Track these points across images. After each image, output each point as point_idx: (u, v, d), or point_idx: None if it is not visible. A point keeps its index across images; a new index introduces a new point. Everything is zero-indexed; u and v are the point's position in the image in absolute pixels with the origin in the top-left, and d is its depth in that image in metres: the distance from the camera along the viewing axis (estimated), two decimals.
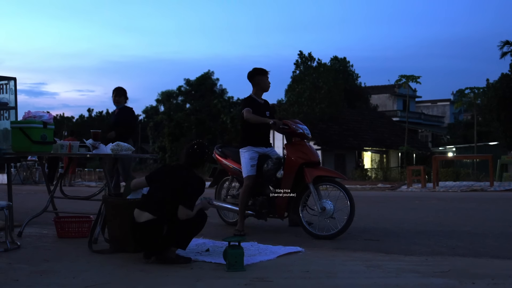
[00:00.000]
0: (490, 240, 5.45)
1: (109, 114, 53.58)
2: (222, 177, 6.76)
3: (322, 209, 5.56)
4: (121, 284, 3.52)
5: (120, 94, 7.19)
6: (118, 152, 5.30)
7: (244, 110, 5.89)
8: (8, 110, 5.98)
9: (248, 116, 5.85)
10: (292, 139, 5.83)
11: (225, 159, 6.41)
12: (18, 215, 6.03)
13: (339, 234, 5.49)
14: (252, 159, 5.91)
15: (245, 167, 5.91)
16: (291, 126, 5.77)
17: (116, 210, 4.56)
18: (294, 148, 5.77)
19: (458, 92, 36.85)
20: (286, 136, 5.91)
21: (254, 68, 6.11)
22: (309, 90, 35.07)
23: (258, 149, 6.00)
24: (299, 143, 5.80)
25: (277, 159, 5.88)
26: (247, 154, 5.93)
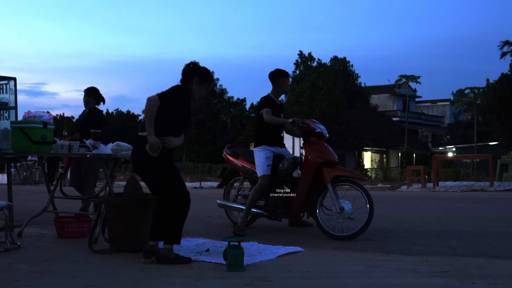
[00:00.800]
0: (490, 240, 5.45)
1: (109, 114, 53.59)
2: (232, 177, 6.68)
3: (340, 209, 5.50)
4: (121, 284, 3.53)
5: (89, 94, 6.97)
6: (118, 152, 5.30)
7: (264, 111, 5.85)
8: (8, 110, 5.98)
9: (268, 118, 5.82)
10: (310, 139, 5.78)
11: (237, 158, 6.34)
12: (18, 215, 6.03)
13: (358, 234, 5.43)
14: (268, 159, 5.87)
15: (260, 166, 5.86)
16: (310, 125, 5.74)
17: (116, 210, 4.57)
18: (312, 148, 5.72)
19: (458, 92, 36.87)
20: (303, 136, 5.85)
21: (277, 70, 6.10)
22: (309, 90, 35.07)
23: (273, 148, 5.97)
24: (317, 143, 5.75)
25: (292, 159, 5.83)
26: (263, 154, 5.89)
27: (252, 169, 6.05)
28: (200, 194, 15.14)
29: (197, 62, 4.36)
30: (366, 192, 5.52)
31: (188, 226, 6.57)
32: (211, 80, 4.38)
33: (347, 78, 44.31)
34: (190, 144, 44.99)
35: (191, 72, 4.30)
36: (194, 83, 4.27)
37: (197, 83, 4.28)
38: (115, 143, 5.39)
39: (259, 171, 5.87)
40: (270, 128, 5.95)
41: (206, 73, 4.35)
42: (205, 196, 13.95)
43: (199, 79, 4.29)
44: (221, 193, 7.02)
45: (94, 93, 6.96)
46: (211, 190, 19.53)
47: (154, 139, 4.02)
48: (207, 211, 8.78)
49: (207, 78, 4.34)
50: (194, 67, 4.33)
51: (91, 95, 6.94)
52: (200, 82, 4.29)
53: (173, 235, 4.12)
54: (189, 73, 4.30)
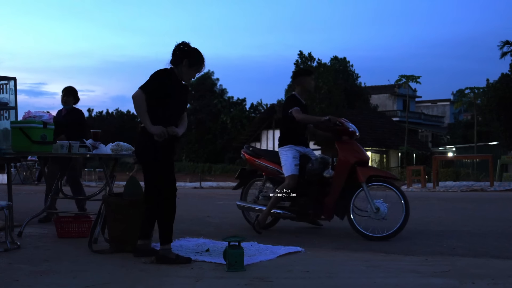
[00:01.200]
0: (490, 240, 5.45)
1: (109, 114, 53.58)
2: (250, 178, 6.51)
3: (376, 210, 5.42)
4: (121, 284, 3.53)
5: (68, 94, 6.86)
6: (118, 152, 5.30)
7: (294, 110, 5.74)
8: (8, 110, 5.98)
9: (301, 116, 5.73)
10: (342, 138, 5.68)
11: (258, 159, 6.20)
12: (18, 215, 6.03)
13: (394, 235, 5.36)
14: (295, 158, 5.76)
15: (288, 166, 5.75)
16: (344, 123, 5.65)
17: (116, 210, 4.57)
18: (346, 147, 5.63)
19: (458, 92, 36.85)
20: (334, 135, 5.75)
21: (300, 68, 6.08)
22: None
23: (299, 148, 5.87)
24: (349, 142, 5.66)
25: (322, 159, 5.75)
26: (290, 153, 5.79)
27: (277, 169, 5.94)
28: (200, 194, 15.16)
29: (188, 43, 4.24)
30: (402, 192, 5.44)
31: (188, 226, 6.60)
32: (201, 63, 4.24)
33: (347, 78, 44.31)
34: (190, 144, 44.99)
35: (181, 53, 4.19)
36: (184, 65, 4.17)
37: (186, 65, 4.18)
38: (115, 143, 5.39)
39: (287, 171, 5.75)
40: (296, 127, 5.86)
41: (196, 56, 4.21)
42: (205, 196, 13.95)
43: (188, 61, 4.18)
44: (221, 193, 7.04)
45: (73, 92, 6.87)
46: (211, 190, 19.53)
47: (155, 129, 4.03)
48: (207, 211, 8.80)
49: (197, 61, 4.21)
50: (184, 48, 4.20)
51: (70, 95, 6.85)
52: (189, 65, 4.19)
53: (166, 234, 4.14)
54: (179, 55, 4.19)
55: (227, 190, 19.65)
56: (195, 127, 44.43)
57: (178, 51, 4.20)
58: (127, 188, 4.75)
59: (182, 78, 4.25)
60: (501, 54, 31.47)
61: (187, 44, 4.23)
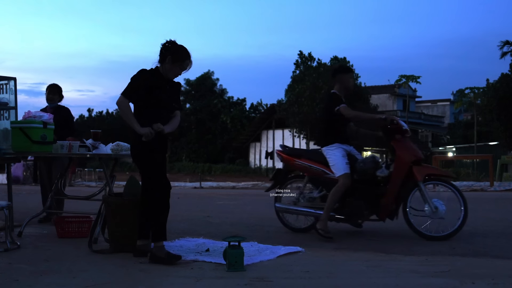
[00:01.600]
0: (490, 240, 5.45)
1: (109, 114, 53.55)
2: (286, 179, 6.27)
3: (435, 209, 5.35)
4: (121, 284, 3.52)
5: (54, 91, 6.71)
6: (118, 152, 5.30)
7: (342, 107, 5.60)
8: (8, 110, 5.98)
9: (352, 113, 5.63)
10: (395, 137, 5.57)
11: (299, 158, 5.97)
12: (18, 215, 6.03)
13: (454, 234, 5.31)
14: (344, 157, 5.60)
15: (339, 165, 5.55)
16: (398, 122, 5.56)
17: (116, 210, 4.56)
18: (403, 146, 5.52)
19: (458, 92, 36.90)
20: (386, 134, 5.65)
21: (340, 65, 5.90)
22: (309, 90, 35.07)
23: (345, 147, 5.72)
24: (404, 141, 5.56)
25: (373, 157, 5.65)
26: (338, 152, 5.62)
27: (322, 169, 5.74)
28: (200, 194, 15.16)
29: (173, 41, 4.25)
30: (460, 192, 5.38)
31: (188, 226, 6.60)
32: (183, 59, 4.22)
33: None
34: (190, 144, 44.98)
35: (165, 50, 4.21)
36: (167, 62, 4.19)
37: (169, 62, 4.19)
38: (115, 143, 5.39)
39: (338, 170, 5.55)
40: (341, 125, 5.73)
41: (179, 51, 4.21)
42: (205, 196, 13.95)
43: (171, 57, 4.18)
44: (221, 193, 7.03)
45: (58, 90, 6.75)
46: (211, 190, 19.52)
47: (143, 130, 4.07)
48: (207, 211, 8.79)
49: (179, 57, 4.20)
50: (167, 46, 4.22)
51: (56, 93, 6.72)
52: (172, 61, 4.18)
53: (156, 231, 4.15)
54: (163, 52, 4.22)
55: (227, 190, 19.65)
56: (195, 127, 44.42)
57: (162, 49, 4.24)
58: (127, 188, 4.75)
59: (168, 75, 4.26)
60: (501, 54, 31.51)
61: (172, 42, 4.25)
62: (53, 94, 6.68)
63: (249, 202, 11.46)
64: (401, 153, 5.49)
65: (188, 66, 4.28)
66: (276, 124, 40.13)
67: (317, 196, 5.89)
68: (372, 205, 5.59)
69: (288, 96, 37.17)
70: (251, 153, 43.49)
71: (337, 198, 5.53)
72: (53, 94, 6.69)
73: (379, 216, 5.65)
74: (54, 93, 6.69)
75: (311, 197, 5.93)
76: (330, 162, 5.64)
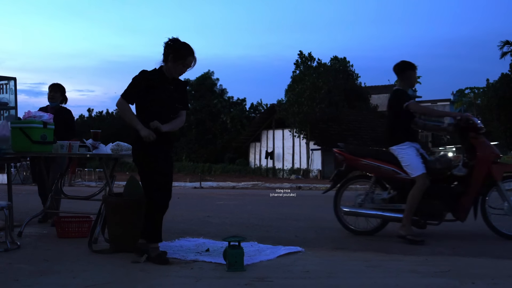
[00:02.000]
0: (490, 240, 5.45)
1: (109, 114, 53.54)
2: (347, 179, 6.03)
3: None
4: (121, 284, 3.53)
5: (56, 89, 6.55)
6: (118, 152, 5.30)
7: (411, 103, 5.40)
8: (8, 110, 5.98)
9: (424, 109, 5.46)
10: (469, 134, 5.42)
11: (365, 158, 5.75)
12: (18, 215, 6.03)
13: None
14: (418, 156, 5.42)
15: (415, 164, 5.36)
16: (474, 120, 5.43)
17: (116, 210, 4.57)
18: (483, 144, 5.40)
19: (458, 92, 36.93)
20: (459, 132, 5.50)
21: (404, 62, 5.72)
22: (309, 90, 35.09)
23: (416, 145, 5.53)
24: (481, 139, 5.44)
25: (446, 156, 5.48)
26: (411, 151, 5.44)
27: (393, 169, 5.53)
28: (200, 194, 15.16)
29: (176, 38, 4.16)
30: None
31: (188, 226, 6.61)
32: (186, 56, 4.13)
33: (347, 78, 44.29)
34: (190, 144, 44.99)
35: (167, 48, 4.15)
36: (169, 60, 4.14)
37: (172, 60, 4.14)
38: (115, 143, 5.39)
39: (415, 171, 5.35)
40: (409, 123, 5.52)
41: (181, 50, 4.13)
42: (205, 196, 13.94)
43: (173, 55, 4.11)
44: (221, 193, 7.02)
45: (61, 89, 6.61)
46: (211, 190, 19.51)
47: (144, 131, 4.05)
48: (207, 211, 8.79)
49: (182, 54, 4.12)
50: (170, 44, 4.14)
51: (58, 91, 6.57)
52: (174, 59, 4.12)
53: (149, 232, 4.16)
54: (166, 50, 4.17)
55: (227, 190, 19.65)
56: (195, 127, 44.41)
57: (165, 47, 4.18)
58: (127, 188, 4.75)
59: (172, 74, 4.21)
60: (501, 54, 31.52)
61: (174, 39, 4.18)
62: (54, 92, 6.56)
63: (249, 202, 11.47)
64: (482, 152, 5.36)
65: (191, 63, 4.21)
66: (276, 124, 40.12)
67: (387, 197, 5.67)
68: (449, 205, 5.44)
69: (288, 96, 37.18)
70: (251, 153, 43.49)
71: (417, 199, 5.31)
72: (55, 92, 6.56)
73: (457, 216, 5.48)
74: (56, 91, 6.57)
75: (382, 199, 5.68)
76: (404, 161, 5.44)
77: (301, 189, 20.06)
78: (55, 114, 6.20)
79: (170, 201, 4.29)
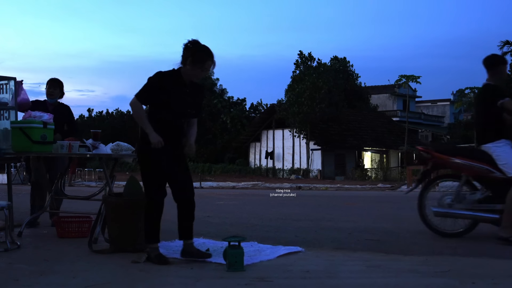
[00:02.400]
0: (490, 240, 5.44)
1: (109, 114, 53.52)
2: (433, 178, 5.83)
3: None
4: (121, 284, 3.53)
5: (55, 85, 6.36)
6: (118, 152, 5.30)
7: (507, 101, 5.20)
8: (8, 110, 5.97)
9: None
10: None
11: (455, 156, 5.54)
12: (18, 215, 6.03)
13: None
14: None
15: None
16: None
17: (116, 210, 4.56)
18: None
19: (458, 92, 36.92)
20: None
21: (496, 56, 5.56)
22: (309, 90, 35.11)
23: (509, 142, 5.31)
24: None
25: None
26: (508, 149, 5.23)
27: (487, 168, 5.31)
28: (200, 194, 15.14)
29: (196, 41, 4.04)
30: None
31: None
32: (205, 60, 4.01)
33: (347, 78, 44.33)
34: None
35: (186, 51, 4.02)
36: (188, 63, 4.03)
37: (190, 63, 4.03)
38: (115, 143, 5.39)
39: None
40: (501, 119, 5.30)
41: (200, 52, 4.00)
42: (205, 196, 13.95)
43: (192, 58, 3.98)
44: (221, 193, 7.01)
45: (60, 85, 6.45)
46: (211, 190, 19.51)
47: (154, 137, 4.00)
48: (207, 211, 8.79)
49: (200, 58, 4.00)
50: (189, 46, 4.02)
51: (57, 87, 6.41)
52: (193, 63, 3.99)
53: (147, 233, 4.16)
54: (185, 53, 4.06)
55: (227, 190, 19.65)
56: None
57: (184, 49, 4.07)
58: (127, 188, 4.75)
59: (189, 77, 4.12)
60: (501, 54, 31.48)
61: (194, 42, 4.05)
62: (53, 88, 6.41)
63: (249, 202, 11.47)
64: None
65: (210, 67, 4.10)
66: (276, 124, 40.15)
67: (481, 197, 5.45)
68: None
69: (288, 96, 37.20)
70: (251, 153, 43.50)
71: None
72: (54, 88, 6.41)
73: None
74: (55, 87, 6.41)
75: (476, 199, 5.45)
76: (501, 160, 5.23)
77: (301, 189, 20.07)
78: (55, 110, 6.14)
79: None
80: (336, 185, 23.64)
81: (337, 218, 7.48)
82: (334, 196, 14.25)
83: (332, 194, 16.25)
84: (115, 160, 5.57)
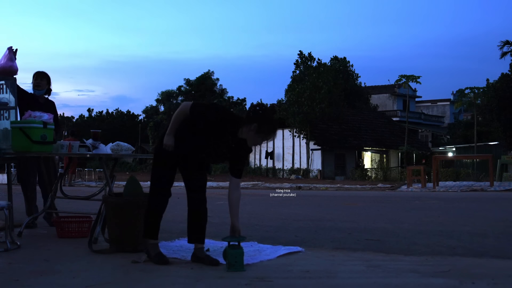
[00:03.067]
0: (490, 240, 5.45)
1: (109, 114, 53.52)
2: None
3: None
4: (121, 284, 3.53)
5: (42, 77, 6.17)
6: (118, 152, 5.30)
7: None
8: (8, 110, 5.97)
9: None
10: None
11: None
12: (18, 215, 6.03)
13: None
14: None
15: None
16: None
17: (116, 210, 4.57)
18: None
19: (458, 92, 36.91)
20: None
21: None
22: (309, 90, 35.11)
23: None
24: None
25: None
26: None
27: None
28: None
29: (266, 107, 3.89)
30: None
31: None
32: (269, 132, 3.87)
33: (347, 78, 44.32)
34: None
35: (254, 115, 3.85)
36: (252, 128, 3.89)
37: (254, 129, 3.83)
38: (115, 143, 5.40)
39: None
40: None
41: (268, 124, 3.85)
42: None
43: (257, 126, 3.82)
44: (221, 193, 7.00)
45: (47, 78, 6.27)
46: (211, 190, 19.48)
47: (168, 140, 4.02)
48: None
49: (266, 129, 3.85)
50: (258, 112, 3.86)
51: (44, 79, 6.23)
52: (257, 131, 3.83)
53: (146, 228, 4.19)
54: (252, 116, 3.85)
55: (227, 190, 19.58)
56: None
57: (252, 112, 3.90)
58: (127, 188, 4.75)
59: (244, 137, 3.96)
60: (501, 54, 31.54)
61: (264, 108, 3.90)
62: (40, 79, 6.21)
63: (249, 202, 11.46)
64: None
65: (270, 138, 3.96)
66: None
67: None
68: None
69: (288, 96, 37.20)
70: (251, 153, 43.52)
71: None
72: (41, 79, 6.22)
73: None
74: (42, 78, 6.23)
75: None
76: None
77: (301, 189, 20.06)
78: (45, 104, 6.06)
79: (170, 200, 4.31)
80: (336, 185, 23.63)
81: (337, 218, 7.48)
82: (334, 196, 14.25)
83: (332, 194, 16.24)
84: (115, 160, 5.58)
